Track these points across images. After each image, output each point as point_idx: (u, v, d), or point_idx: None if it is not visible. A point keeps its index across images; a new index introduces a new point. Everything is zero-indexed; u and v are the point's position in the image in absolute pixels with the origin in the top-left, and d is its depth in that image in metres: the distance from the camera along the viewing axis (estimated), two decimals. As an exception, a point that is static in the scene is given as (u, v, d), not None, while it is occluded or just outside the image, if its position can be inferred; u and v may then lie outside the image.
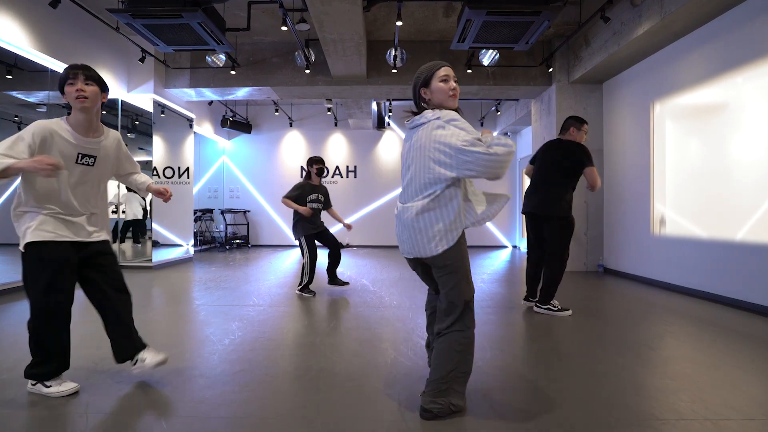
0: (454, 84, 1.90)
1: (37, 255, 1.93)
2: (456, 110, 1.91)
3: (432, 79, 1.90)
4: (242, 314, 3.60)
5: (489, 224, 10.11)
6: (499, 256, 8.47)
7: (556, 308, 3.64)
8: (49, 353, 1.97)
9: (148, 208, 6.92)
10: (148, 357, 2.12)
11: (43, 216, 1.96)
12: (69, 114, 2.05)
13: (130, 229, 7.34)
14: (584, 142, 3.76)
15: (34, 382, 1.99)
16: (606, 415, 1.83)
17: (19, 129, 6.64)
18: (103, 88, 2.09)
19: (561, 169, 3.66)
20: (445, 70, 1.90)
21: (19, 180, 1.98)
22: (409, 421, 1.76)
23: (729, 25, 4.03)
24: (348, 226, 4.87)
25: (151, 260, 6.35)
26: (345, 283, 4.80)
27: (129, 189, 7.34)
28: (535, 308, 3.72)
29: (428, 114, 1.87)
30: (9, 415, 1.81)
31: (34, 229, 1.94)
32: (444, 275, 1.83)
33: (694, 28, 4.41)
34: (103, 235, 2.19)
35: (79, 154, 2.03)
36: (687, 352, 2.73)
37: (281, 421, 1.77)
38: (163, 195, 2.31)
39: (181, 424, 1.74)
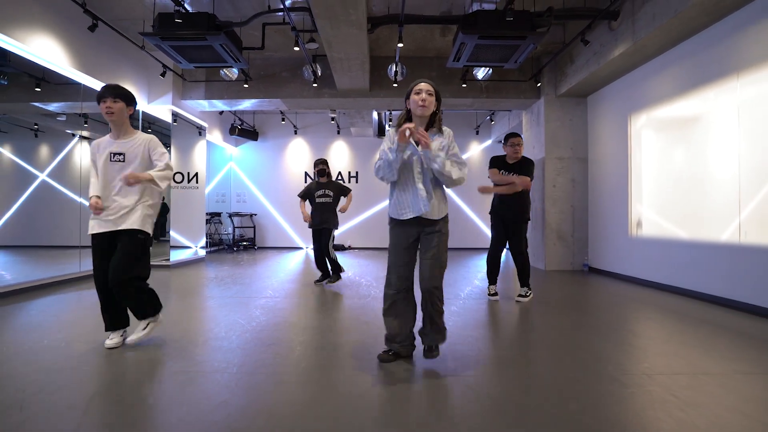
0: (425, 96, 2.37)
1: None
2: (435, 118, 2.44)
3: (411, 93, 2.42)
4: (262, 304, 4.07)
5: (483, 226, 10.61)
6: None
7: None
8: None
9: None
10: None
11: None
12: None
13: None
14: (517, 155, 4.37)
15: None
16: (573, 372, 2.32)
17: (36, 137, 7.14)
18: (129, 102, 2.73)
19: None
20: (420, 86, 2.40)
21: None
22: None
23: (694, 49, 4.56)
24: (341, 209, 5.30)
25: (168, 259, 6.82)
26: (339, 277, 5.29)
27: None
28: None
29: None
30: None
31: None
32: None
33: (664, 50, 4.94)
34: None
35: (110, 153, 2.69)
36: (646, 332, 3.23)
37: (308, 376, 2.25)
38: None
39: (233, 377, 2.22)
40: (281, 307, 3.98)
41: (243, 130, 9.91)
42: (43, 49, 4.79)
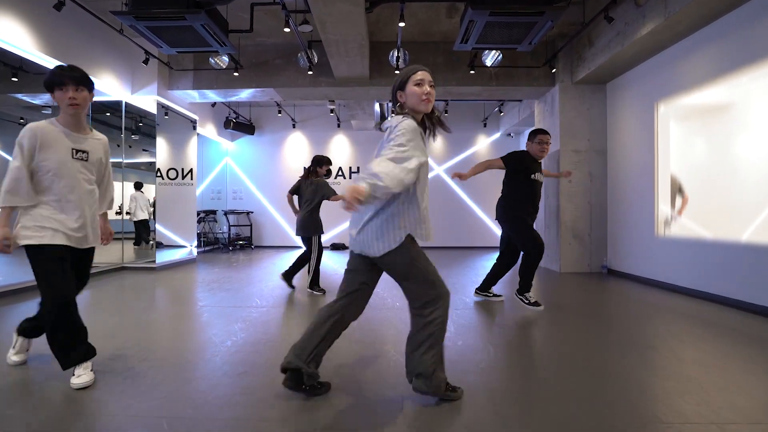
0: (429, 88, 1.87)
1: None
2: (432, 116, 1.93)
3: (408, 82, 1.88)
4: (245, 316, 3.60)
5: (490, 224, 10.09)
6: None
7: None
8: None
9: (151, 209, 6.94)
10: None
11: None
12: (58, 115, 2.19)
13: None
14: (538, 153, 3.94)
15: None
16: (610, 417, 1.81)
17: (24, 131, 6.67)
18: (90, 88, 2.19)
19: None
20: (421, 74, 1.88)
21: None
22: (411, 420, 1.75)
23: (733, 25, 4.01)
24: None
25: (154, 261, 6.37)
26: (292, 287, 4.77)
27: (137, 188, 7.38)
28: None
29: (391, 120, 1.87)
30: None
31: None
32: None
33: (698, 27, 4.39)
34: None
35: (73, 149, 2.15)
36: (691, 354, 2.71)
37: (284, 424, 1.77)
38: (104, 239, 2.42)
39: (184, 425, 1.74)
40: (265, 319, 3.50)
41: (238, 124, 9.43)
42: (8, 32, 4.33)
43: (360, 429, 1.73)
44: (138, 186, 7.42)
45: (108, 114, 6.43)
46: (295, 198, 4.71)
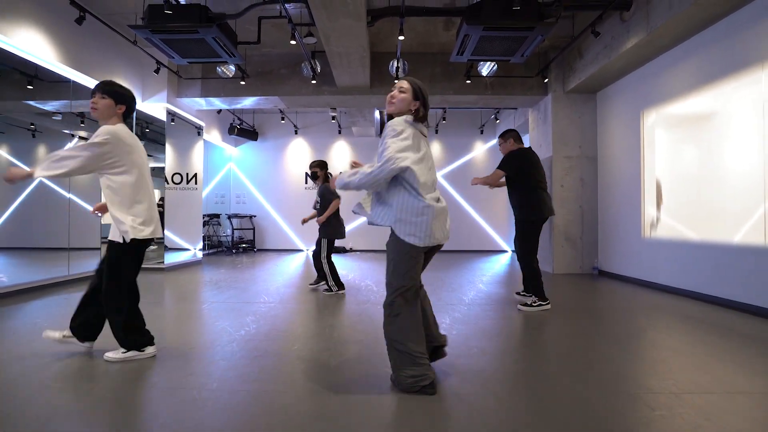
0: (393, 91, 2.17)
1: None
2: (419, 115, 2.16)
3: None
4: (254, 310, 3.84)
5: (489, 229, 10.36)
6: (499, 260, 8.70)
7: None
8: None
9: None
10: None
11: None
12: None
13: None
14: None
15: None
16: (585, 391, 2.07)
17: (33, 137, 6.98)
18: (119, 100, 2.43)
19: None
20: (397, 83, 2.20)
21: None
22: (408, 401, 2.00)
23: (713, 39, 4.30)
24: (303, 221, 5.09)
25: (162, 262, 6.61)
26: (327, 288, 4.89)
27: None
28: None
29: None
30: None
31: None
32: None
33: (680, 41, 4.68)
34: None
35: None
36: (665, 342, 2.97)
37: (296, 396, 2.01)
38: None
39: (211, 395, 1.99)
40: (274, 313, 3.74)
41: (242, 130, 9.71)
42: (28, 42, 4.60)
43: (361, 405, 1.97)
44: None
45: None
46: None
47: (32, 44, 4.65)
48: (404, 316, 2.03)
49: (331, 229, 4.73)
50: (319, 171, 4.83)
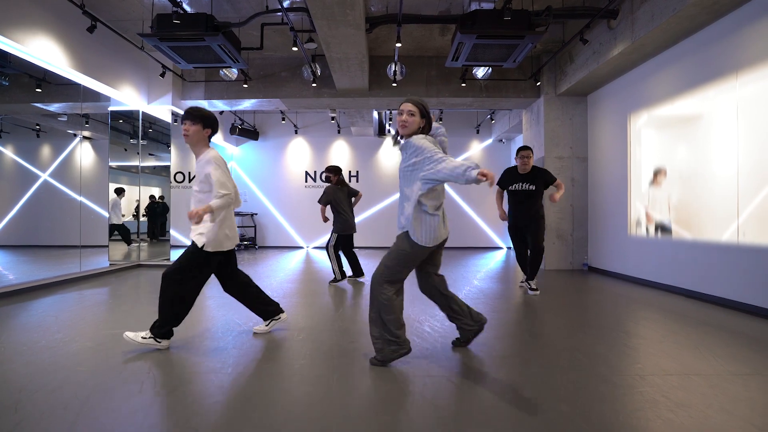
0: (405, 117, 2.38)
1: None
2: (425, 130, 2.45)
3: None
4: (260, 304, 4.09)
5: (484, 226, 10.62)
6: (494, 256, 8.96)
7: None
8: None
9: (134, 213, 7.16)
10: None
11: None
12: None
13: (115, 232, 7.45)
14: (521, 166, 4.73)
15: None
16: (558, 375, 2.32)
17: (38, 137, 7.21)
18: (206, 124, 2.78)
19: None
20: (402, 105, 2.42)
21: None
22: (410, 385, 2.25)
23: (692, 48, 4.54)
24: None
25: (169, 259, 6.86)
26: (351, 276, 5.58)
27: (117, 193, 7.51)
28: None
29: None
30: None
31: None
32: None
33: (662, 49, 4.92)
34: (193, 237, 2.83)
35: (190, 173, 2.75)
36: (639, 332, 3.23)
37: (302, 377, 2.27)
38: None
39: (237, 371, 2.24)
40: (279, 307, 3.99)
41: (243, 130, 9.94)
42: (43, 50, 4.81)
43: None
44: (118, 192, 7.17)
45: (120, 121, 6.85)
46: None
47: (46, 51, 4.86)
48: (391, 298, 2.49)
49: (338, 225, 5.30)
50: (332, 176, 5.34)
